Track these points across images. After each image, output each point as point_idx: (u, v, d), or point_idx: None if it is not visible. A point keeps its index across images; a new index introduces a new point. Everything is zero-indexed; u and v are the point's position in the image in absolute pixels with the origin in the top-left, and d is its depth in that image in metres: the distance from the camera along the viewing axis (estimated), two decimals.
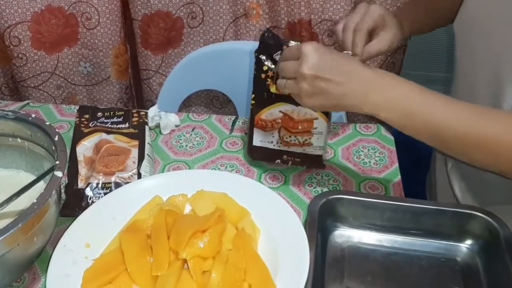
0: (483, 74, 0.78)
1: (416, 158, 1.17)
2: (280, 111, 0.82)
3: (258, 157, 0.89)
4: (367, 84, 0.66)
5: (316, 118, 0.81)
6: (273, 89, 0.80)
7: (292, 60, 0.68)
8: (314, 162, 0.87)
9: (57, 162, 0.68)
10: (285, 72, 0.69)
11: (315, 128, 0.82)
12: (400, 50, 1.23)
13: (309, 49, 0.66)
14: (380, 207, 0.75)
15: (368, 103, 0.66)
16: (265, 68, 0.79)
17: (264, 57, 0.78)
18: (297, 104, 0.78)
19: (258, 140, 0.86)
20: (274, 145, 0.85)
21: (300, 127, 0.82)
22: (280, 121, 0.82)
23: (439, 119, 0.64)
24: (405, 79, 0.67)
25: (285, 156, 0.86)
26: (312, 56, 0.65)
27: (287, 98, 0.78)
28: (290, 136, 0.83)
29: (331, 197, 0.75)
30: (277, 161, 0.87)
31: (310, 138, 0.83)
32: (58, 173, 0.66)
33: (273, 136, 0.84)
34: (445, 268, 0.72)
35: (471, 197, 0.87)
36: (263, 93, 0.81)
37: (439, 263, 0.72)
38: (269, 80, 0.79)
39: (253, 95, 0.82)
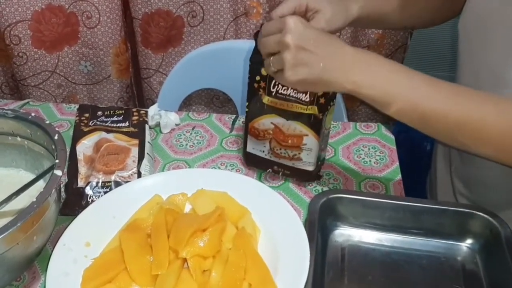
0: (487, 73, 0.77)
1: (417, 157, 1.17)
2: (271, 123, 0.81)
3: (251, 163, 0.89)
4: (351, 60, 0.65)
5: (306, 135, 0.80)
6: (265, 100, 0.79)
7: (274, 33, 0.66)
8: (305, 176, 0.85)
9: (57, 161, 0.67)
10: (268, 47, 0.68)
11: (305, 144, 0.81)
12: (400, 50, 1.23)
13: (293, 20, 0.65)
14: (381, 206, 0.74)
15: (350, 79, 0.65)
16: (257, 78, 0.78)
17: (257, 66, 0.77)
18: (287, 118, 0.79)
19: (251, 147, 0.86)
20: (265, 155, 0.85)
21: (289, 141, 0.81)
22: (271, 132, 0.82)
23: (421, 99, 0.64)
24: (389, 60, 0.67)
25: (275, 167, 0.86)
26: (296, 26, 0.64)
27: (279, 111, 0.79)
28: (280, 149, 0.83)
29: (331, 196, 0.75)
30: (268, 170, 0.87)
31: (299, 153, 0.82)
32: (58, 172, 0.66)
33: (264, 146, 0.84)
34: (445, 267, 0.71)
35: (473, 199, 0.87)
36: (256, 102, 0.80)
37: (440, 262, 0.72)
38: (261, 90, 0.79)
39: (247, 103, 0.82)
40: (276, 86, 0.78)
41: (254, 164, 0.89)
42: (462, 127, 0.64)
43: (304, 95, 0.76)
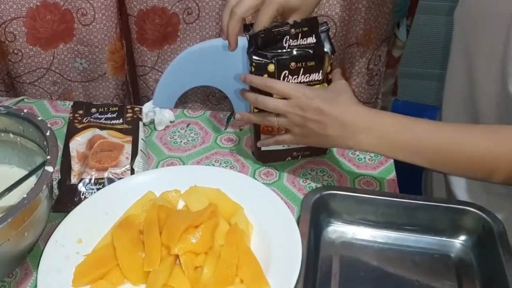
0: (482, 63, 0.77)
1: None
2: None
3: (268, 160, 0.89)
4: (354, 128, 0.70)
5: None
6: (276, 96, 0.79)
7: (277, 95, 0.75)
8: (320, 151, 0.89)
9: (48, 157, 0.67)
10: (272, 108, 0.76)
11: None
12: (384, 43, 1.23)
13: (301, 93, 0.73)
14: (374, 202, 0.74)
15: (353, 146, 0.72)
16: (265, 76, 0.78)
17: (262, 65, 0.77)
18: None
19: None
20: (283, 146, 0.86)
21: None
22: None
23: (423, 143, 0.68)
24: (390, 113, 0.71)
25: (294, 153, 0.88)
26: (302, 100, 0.73)
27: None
28: None
29: (324, 192, 0.75)
30: (287, 158, 0.88)
31: None
32: (49, 168, 0.66)
33: None
34: (438, 263, 0.71)
35: (469, 193, 0.87)
36: None
37: (433, 258, 0.72)
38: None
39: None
40: (286, 78, 0.78)
41: (271, 159, 0.89)
42: (472, 164, 0.67)
43: (316, 74, 0.78)
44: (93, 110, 0.94)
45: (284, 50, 0.77)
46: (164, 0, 1.18)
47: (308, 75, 0.78)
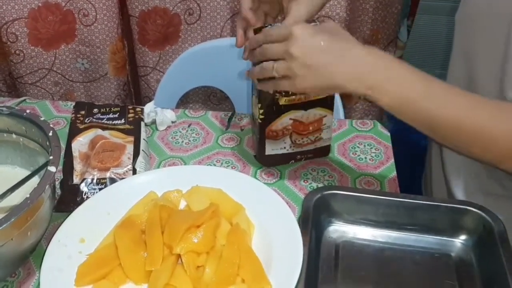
0: (482, 64, 0.77)
1: (413, 154, 1.17)
2: (290, 119, 0.82)
3: (271, 163, 0.89)
4: (363, 64, 0.64)
5: (325, 116, 0.84)
6: (282, 102, 0.79)
7: (277, 41, 0.66)
8: (324, 152, 0.90)
9: (51, 157, 0.68)
10: (269, 54, 0.67)
11: (324, 124, 0.85)
12: (392, 43, 1.23)
13: (300, 29, 0.64)
14: (374, 202, 0.75)
15: (363, 84, 0.64)
16: None
17: None
18: (307, 108, 0.81)
19: (270, 149, 0.86)
20: (287, 150, 0.86)
21: (311, 128, 0.84)
22: (290, 127, 0.83)
23: (434, 107, 0.64)
24: (402, 62, 0.65)
25: (298, 156, 0.88)
26: (303, 35, 0.63)
27: (297, 106, 0.80)
28: (302, 138, 0.85)
29: (325, 192, 0.75)
30: (291, 161, 0.89)
31: (320, 134, 0.86)
32: (52, 168, 0.66)
33: (285, 142, 0.85)
34: (439, 263, 0.71)
35: (467, 194, 0.87)
36: (272, 107, 0.80)
37: (433, 258, 0.72)
38: (277, 94, 0.78)
39: (261, 110, 0.81)
40: None
41: (274, 163, 0.89)
42: (473, 137, 0.64)
43: None
44: (95, 110, 0.94)
45: None
46: (165, 1, 1.19)
47: None
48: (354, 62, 0.64)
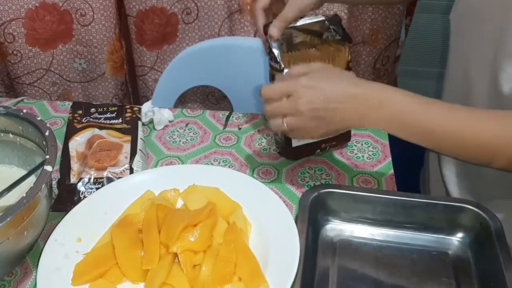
0: (478, 64, 0.78)
1: (412, 153, 1.17)
2: None
3: (299, 156, 0.89)
4: (363, 104, 0.67)
5: None
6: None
7: (279, 97, 0.69)
8: (346, 137, 0.91)
9: (47, 157, 0.68)
10: (277, 114, 0.71)
11: None
12: (394, 44, 1.23)
13: (301, 85, 0.68)
14: (371, 200, 0.75)
15: (367, 121, 0.68)
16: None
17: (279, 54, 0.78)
18: None
19: (297, 140, 0.86)
20: (312, 139, 0.87)
21: None
22: None
23: (435, 127, 0.66)
24: (399, 90, 0.68)
25: (323, 145, 0.89)
26: (305, 91, 0.68)
27: None
28: None
29: (322, 191, 0.75)
30: (317, 151, 0.90)
31: None
32: (48, 168, 0.66)
33: None
34: (436, 261, 0.71)
35: (464, 193, 0.87)
36: None
37: (431, 256, 0.72)
38: None
39: None
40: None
41: (302, 155, 0.89)
42: (479, 148, 0.65)
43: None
44: (93, 110, 0.94)
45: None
46: (163, 0, 1.19)
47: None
48: (356, 103, 0.67)
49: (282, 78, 0.76)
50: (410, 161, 1.11)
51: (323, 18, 0.82)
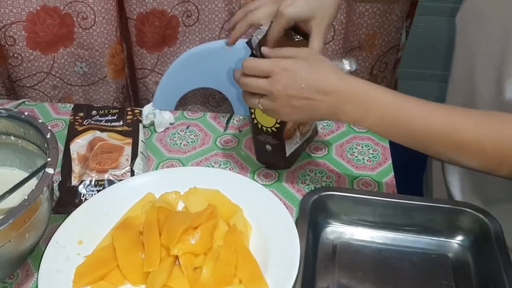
0: (484, 66, 0.78)
1: (414, 156, 1.17)
2: None
3: (291, 163, 0.90)
4: (342, 98, 0.66)
5: None
6: None
7: (259, 75, 0.68)
8: (315, 132, 0.95)
9: (49, 159, 0.68)
10: (251, 89, 0.70)
11: None
12: (393, 50, 1.23)
13: (281, 67, 0.67)
14: (372, 203, 0.75)
15: (344, 114, 0.67)
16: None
17: None
18: None
19: (289, 150, 0.86)
20: (298, 143, 0.88)
21: None
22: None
23: (416, 123, 0.65)
24: (380, 86, 0.67)
25: (304, 145, 0.91)
26: (284, 78, 0.67)
27: None
28: (305, 126, 0.88)
29: (322, 193, 0.75)
30: (302, 153, 0.91)
31: None
32: (50, 170, 0.66)
33: (296, 137, 0.87)
34: (436, 263, 0.72)
35: (468, 196, 0.87)
36: None
37: (430, 259, 0.72)
38: None
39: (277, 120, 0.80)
40: None
41: (293, 161, 0.90)
42: (461, 148, 0.64)
43: None
44: (94, 112, 0.95)
45: None
46: (163, 3, 1.19)
47: None
48: (334, 96, 0.66)
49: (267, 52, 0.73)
50: (411, 164, 1.11)
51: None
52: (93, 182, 0.80)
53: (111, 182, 0.81)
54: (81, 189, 0.80)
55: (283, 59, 0.69)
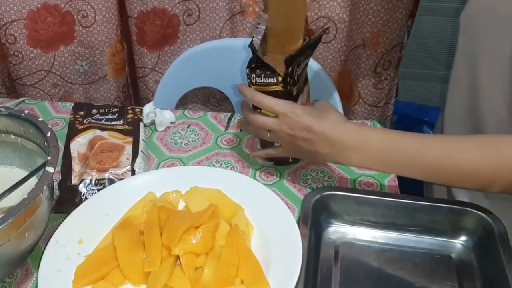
0: (488, 66, 0.77)
1: None
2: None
3: (287, 161, 0.89)
4: (341, 147, 0.71)
5: (308, 96, 0.88)
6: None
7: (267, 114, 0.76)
8: None
9: (49, 158, 0.67)
10: (261, 126, 0.77)
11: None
12: (396, 48, 1.22)
13: (289, 111, 0.73)
14: (374, 203, 0.74)
15: (345, 161, 0.73)
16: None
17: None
18: (295, 100, 0.80)
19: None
20: None
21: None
22: None
23: (415, 162, 0.69)
24: (374, 129, 0.74)
25: None
26: (289, 119, 0.73)
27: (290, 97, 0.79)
28: None
29: (324, 193, 0.75)
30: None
31: None
32: (50, 169, 0.66)
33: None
34: (439, 264, 0.71)
35: (470, 196, 0.86)
36: None
37: (434, 259, 0.72)
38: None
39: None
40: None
41: (288, 159, 0.89)
42: (454, 174, 0.68)
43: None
44: (94, 111, 0.94)
45: None
46: (164, 2, 1.18)
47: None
48: (333, 145, 0.72)
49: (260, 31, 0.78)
50: None
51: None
52: (93, 181, 0.80)
53: (111, 181, 0.80)
54: (81, 188, 0.79)
55: (292, 103, 0.76)
